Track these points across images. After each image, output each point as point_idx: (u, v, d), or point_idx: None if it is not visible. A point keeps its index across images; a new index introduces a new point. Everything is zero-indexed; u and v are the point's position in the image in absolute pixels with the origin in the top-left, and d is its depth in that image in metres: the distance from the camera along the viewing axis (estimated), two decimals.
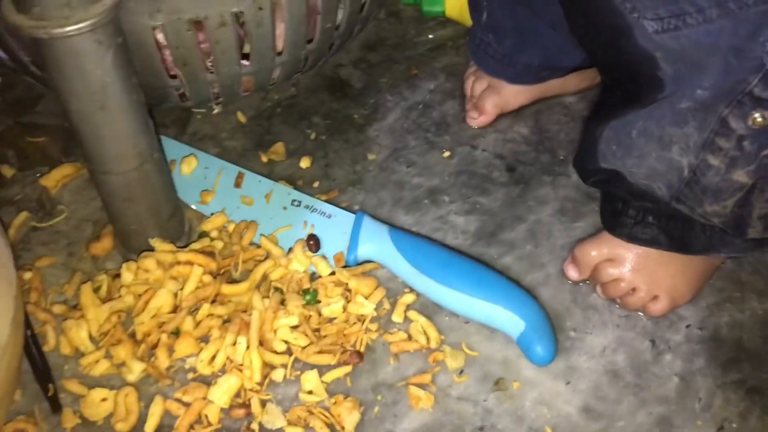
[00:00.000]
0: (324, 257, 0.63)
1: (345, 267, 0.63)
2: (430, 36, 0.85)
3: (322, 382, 0.57)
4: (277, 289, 0.61)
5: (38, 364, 0.57)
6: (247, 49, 0.66)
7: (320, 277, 0.62)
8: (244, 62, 0.65)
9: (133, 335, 0.59)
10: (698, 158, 0.51)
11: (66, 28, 0.48)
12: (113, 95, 0.52)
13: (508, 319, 0.58)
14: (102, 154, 0.56)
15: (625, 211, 0.58)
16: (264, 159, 0.73)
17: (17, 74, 0.72)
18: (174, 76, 0.64)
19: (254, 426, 0.55)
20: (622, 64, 0.51)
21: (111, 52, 0.51)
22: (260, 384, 0.56)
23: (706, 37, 0.46)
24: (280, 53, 0.65)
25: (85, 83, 0.51)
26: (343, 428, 0.55)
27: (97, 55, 0.50)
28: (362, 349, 0.59)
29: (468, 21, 0.79)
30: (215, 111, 0.76)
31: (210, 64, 0.64)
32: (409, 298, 0.61)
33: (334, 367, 0.58)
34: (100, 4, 0.48)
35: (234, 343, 0.57)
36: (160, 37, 0.59)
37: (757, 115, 0.48)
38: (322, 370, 0.57)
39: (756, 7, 0.44)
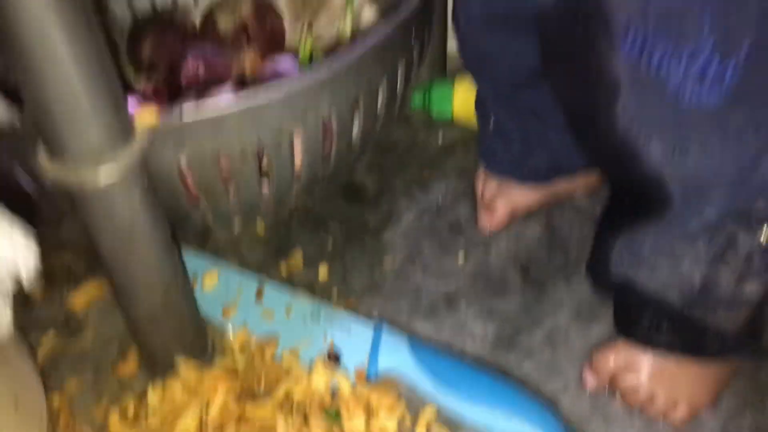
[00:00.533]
0: (345, 371, 0.64)
1: (366, 381, 0.64)
2: (440, 138, 0.88)
3: None
4: (299, 407, 0.62)
5: None
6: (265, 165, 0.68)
7: (341, 391, 0.63)
8: (264, 186, 0.68)
9: None
10: (709, 270, 0.52)
11: (97, 173, 0.50)
12: (140, 232, 0.54)
13: None
14: (128, 285, 0.58)
15: (638, 317, 0.59)
16: (283, 268, 0.75)
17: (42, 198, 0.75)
18: (196, 202, 0.67)
19: None
20: (630, 183, 0.53)
21: (138, 192, 0.53)
22: None
23: (710, 162, 0.48)
24: (298, 176, 0.68)
25: (113, 222, 0.53)
26: None
27: (125, 197, 0.52)
28: None
29: (476, 123, 0.81)
30: (236, 229, 0.79)
31: (231, 190, 0.66)
32: (430, 411, 0.62)
33: None
34: (129, 149, 0.51)
35: None
36: (184, 169, 0.62)
37: (765, 231, 0.49)
38: None
39: (757, 135, 0.46)
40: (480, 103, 0.77)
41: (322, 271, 0.74)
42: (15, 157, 0.64)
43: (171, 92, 0.77)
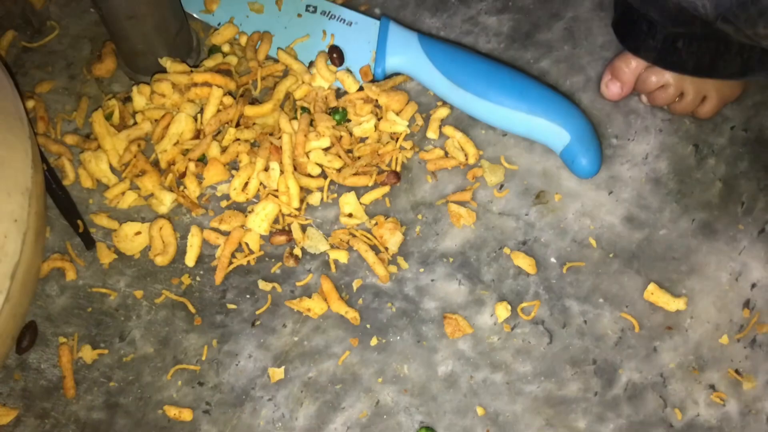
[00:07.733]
0: (349, 71, 0.59)
1: (372, 81, 0.59)
2: None
3: (361, 204, 0.55)
4: (304, 109, 0.57)
5: (62, 200, 0.55)
6: None
7: (347, 93, 0.58)
8: None
9: (156, 164, 0.56)
10: None
11: None
12: None
13: (552, 131, 0.55)
14: None
15: (651, 34, 0.53)
16: None
17: None
18: None
19: (297, 251, 0.54)
20: None
21: None
22: (298, 209, 0.55)
23: None
24: None
25: None
26: (386, 249, 0.54)
27: None
28: (398, 169, 0.56)
29: None
30: None
31: None
32: (442, 112, 0.58)
33: (372, 188, 0.56)
34: None
35: (266, 169, 0.55)
36: None
37: None
38: (359, 191, 0.55)
39: None
40: None
41: None
42: None
43: None
